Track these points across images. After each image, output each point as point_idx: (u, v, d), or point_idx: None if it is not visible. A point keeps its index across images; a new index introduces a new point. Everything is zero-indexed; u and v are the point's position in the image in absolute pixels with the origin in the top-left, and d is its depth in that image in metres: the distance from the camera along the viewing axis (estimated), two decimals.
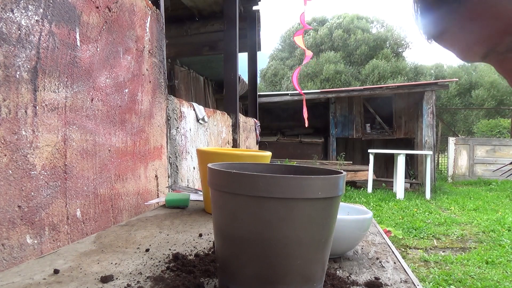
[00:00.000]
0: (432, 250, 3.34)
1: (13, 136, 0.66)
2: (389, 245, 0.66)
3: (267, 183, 0.35)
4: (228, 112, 2.87)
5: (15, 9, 0.66)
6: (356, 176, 6.71)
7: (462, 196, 6.25)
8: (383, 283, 0.47)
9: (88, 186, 0.89)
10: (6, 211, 0.65)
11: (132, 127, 1.13)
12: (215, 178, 0.39)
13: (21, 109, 0.68)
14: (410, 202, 5.39)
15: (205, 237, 0.69)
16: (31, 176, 0.71)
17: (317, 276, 0.39)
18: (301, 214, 0.35)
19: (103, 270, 0.51)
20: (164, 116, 1.41)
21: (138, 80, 1.16)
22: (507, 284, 2.53)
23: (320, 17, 19.43)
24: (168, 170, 1.52)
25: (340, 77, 15.68)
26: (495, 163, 8.05)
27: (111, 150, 1.00)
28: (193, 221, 0.82)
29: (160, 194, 1.35)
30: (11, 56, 0.66)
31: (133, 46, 1.12)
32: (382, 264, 0.56)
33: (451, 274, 2.67)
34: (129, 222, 0.81)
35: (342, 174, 0.39)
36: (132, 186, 1.13)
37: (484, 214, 4.76)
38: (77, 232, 0.84)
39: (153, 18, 1.28)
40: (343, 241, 0.55)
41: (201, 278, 0.47)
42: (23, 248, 0.69)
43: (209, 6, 3.81)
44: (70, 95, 0.82)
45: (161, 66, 1.35)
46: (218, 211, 0.39)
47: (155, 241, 0.66)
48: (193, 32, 4.16)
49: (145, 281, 0.47)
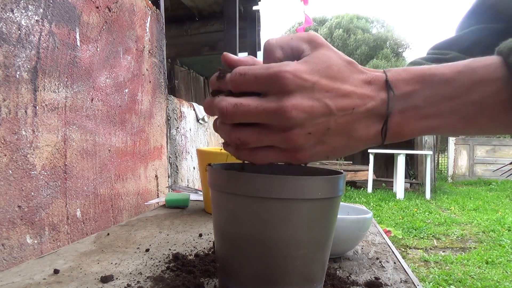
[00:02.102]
0: (432, 250, 3.34)
1: (13, 136, 0.66)
2: (389, 245, 0.66)
3: (267, 183, 0.35)
4: None
5: (15, 9, 0.66)
6: (356, 176, 6.71)
7: (462, 196, 6.25)
8: (383, 283, 0.47)
9: (88, 186, 0.89)
10: (6, 211, 0.65)
11: (132, 127, 1.13)
12: (214, 178, 0.39)
13: (21, 109, 0.68)
14: (410, 202, 5.39)
15: (205, 237, 0.69)
16: (31, 176, 0.71)
17: (317, 276, 0.39)
18: (301, 214, 0.35)
19: (103, 270, 0.51)
20: (164, 116, 1.41)
21: (138, 80, 1.16)
22: (507, 284, 2.53)
23: (320, 17, 19.42)
24: (168, 170, 1.52)
25: None
26: (495, 163, 8.06)
27: (111, 150, 1.00)
28: (193, 221, 0.82)
29: (160, 194, 1.35)
30: (11, 56, 0.66)
31: (133, 46, 1.12)
32: (382, 264, 0.56)
33: (451, 274, 2.67)
34: (129, 222, 0.81)
35: (342, 174, 0.39)
36: (132, 186, 1.13)
37: (484, 214, 4.76)
38: (77, 232, 0.84)
39: (153, 18, 1.28)
40: (343, 241, 0.55)
41: (201, 278, 0.47)
42: (23, 248, 0.69)
43: (209, 6, 3.81)
44: (70, 95, 0.82)
45: (161, 66, 1.35)
46: (218, 211, 0.39)
47: (155, 241, 0.66)
48: (193, 32, 4.16)
49: (145, 281, 0.47)
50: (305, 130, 0.31)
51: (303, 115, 0.30)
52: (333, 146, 0.33)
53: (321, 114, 0.31)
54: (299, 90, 0.30)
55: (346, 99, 0.31)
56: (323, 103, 0.31)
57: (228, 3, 2.95)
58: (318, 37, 0.34)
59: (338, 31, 17.60)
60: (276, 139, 0.32)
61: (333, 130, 0.32)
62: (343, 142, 0.33)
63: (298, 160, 0.33)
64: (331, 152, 0.33)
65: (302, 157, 0.32)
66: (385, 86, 0.32)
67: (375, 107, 0.32)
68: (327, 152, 0.33)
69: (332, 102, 0.31)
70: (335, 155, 0.34)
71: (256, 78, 0.31)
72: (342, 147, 0.33)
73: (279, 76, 0.30)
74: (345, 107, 0.31)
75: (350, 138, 0.32)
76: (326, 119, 0.31)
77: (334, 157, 0.34)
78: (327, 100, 0.31)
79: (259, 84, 0.31)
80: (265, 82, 0.31)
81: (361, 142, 0.33)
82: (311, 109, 0.30)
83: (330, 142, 0.32)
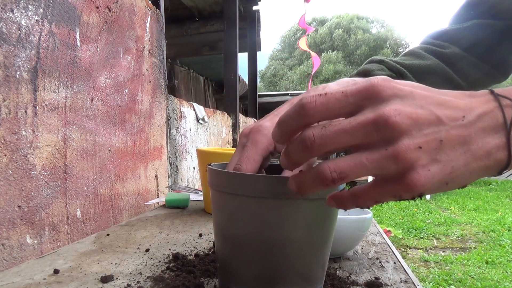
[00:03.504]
0: (432, 250, 3.34)
1: (13, 136, 0.66)
2: (389, 245, 0.66)
3: (267, 183, 0.35)
4: (228, 112, 2.87)
5: (15, 9, 0.66)
6: None
7: (462, 196, 6.25)
8: (383, 283, 0.47)
9: (88, 186, 0.89)
10: (6, 211, 0.65)
11: (132, 127, 1.13)
12: (214, 178, 0.39)
13: (21, 109, 0.68)
14: (410, 202, 5.39)
15: (205, 237, 0.69)
16: (31, 176, 0.71)
17: (317, 276, 0.39)
18: (301, 214, 0.35)
19: (103, 270, 0.51)
20: (164, 116, 1.41)
21: (138, 80, 1.16)
22: (507, 284, 2.53)
23: (320, 17, 19.42)
24: (168, 170, 1.52)
25: (340, 77, 15.71)
26: None
27: (111, 150, 1.00)
28: (193, 221, 0.82)
29: (160, 194, 1.35)
30: (11, 56, 0.66)
31: (133, 46, 1.12)
32: (382, 264, 0.56)
33: (451, 274, 2.67)
34: (129, 222, 0.81)
35: None
36: (132, 186, 1.13)
37: (484, 214, 4.77)
38: (77, 232, 0.84)
39: (153, 18, 1.28)
40: (343, 241, 0.55)
41: (201, 278, 0.47)
42: (23, 248, 0.69)
43: (209, 6, 3.81)
44: (70, 95, 0.82)
45: (161, 66, 1.35)
46: (218, 211, 0.39)
47: (155, 241, 0.66)
48: (193, 32, 4.16)
49: (145, 281, 0.47)
50: (415, 141, 0.25)
51: (409, 121, 0.25)
52: (451, 166, 0.25)
53: (428, 123, 0.25)
54: (397, 97, 0.26)
55: (451, 109, 0.26)
56: (429, 110, 0.26)
57: (228, 3, 2.94)
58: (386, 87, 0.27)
59: (338, 31, 17.60)
60: (381, 159, 0.25)
61: (447, 142, 0.25)
62: (461, 159, 0.26)
63: (411, 186, 0.25)
64: (449, 175, 0.26)
65: (416, 181, 0.25)
66: (492, 96, 0.27)
67: (487, 114, 0.26)
68: (445, 175, 0.26)
69: (438, 110, 0.26)
70: (455, 180, 0.26)
71: (339, 99, 0.26)
72: (462, 167, 0.26)
73: (370, 87, 0.26)
74: (454, 116, 0.26)
75: (468, 153, 0.26)
76: (436, 129, 0.25)
77: (454, 184, 0.26)
78: (431, 107, 0.26)
79: (346, 104, 0.26)
80: (353, 98, 0.26)
81: (482, 160, 0.26)
82: (417, 115, 0.25)
83: (446, 160, 0.25)
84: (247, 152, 0.39)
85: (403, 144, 0.24)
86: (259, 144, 0.40)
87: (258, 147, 0.39)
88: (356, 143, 0.26)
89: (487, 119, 0.26)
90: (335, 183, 0.26)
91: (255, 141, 0.40)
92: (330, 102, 0.26)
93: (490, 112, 0.26)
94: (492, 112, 0.26)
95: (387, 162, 0.25)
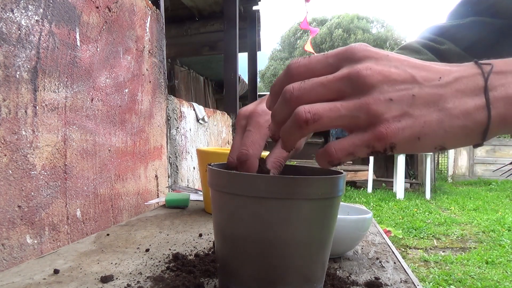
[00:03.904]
0: (432, 250, 3.34)
1: (13, 136, 0.66)
2: (389, 245, 0.66)
3: (267, 183, 0.35)
4: (228, 112, 2.87)
5: (15, 9, 0.66)
6: (356, 176, 6.70)
7: (462, 196, 6.25)
8: (383, 283, 0.47)
9: (88, 186, 0.89)
10: (6, 211, 0.65)
11: (132, 127, 1.13)
12: (214, 178, 0.39)
13: (21, 109, 0.68)
14: (410, 202, 5.39)
15: (205, 237, 0.69)
16: (31, 176, 0.71)
17: (317, 276, 0.39)
18: (301, 214, 0.35)
19: (103, 270, 0.51)
20: (164, 116, 1.41)
21: (138, 80, 1.16)
22: (507, 284, 2.53)
23: (320, 17, 19.43)
24: (168, 170, 1.52)
25: None
26: (495, 163, 8.05)
27: (111, 150, 1.00)
28: (193, 221, 0.82)
29: (160, 194, 1.35)
30: (11, 56, 0.66)
31: (133, 46, 1.12)
32: (382, 264, 0.56)
33: (451, 274, 2.67)
34: (129, 222, 0.81)
35: (342, 174, 0.39)
36: (132, 186, 1.13)
37: (484, 214, 4.76)
38: (77, 232, 0.84)
39: (153, 18, 1.28)
40: (343, 241, 0.55)
41: (201, 278, 0.47)
42: (23, 248, 0.69)
43: (209, 6, 3.81)
44: (70, 95, 0.82)
45: (161, 66, 1.35)
46: (218, 211, 0.39)
47: (155, 241, 0.66)
48: (193, 32, 4.16)
49: (145, 281, 0.47)
50: (385, 95, 0.26)
51: (380, 77, 0.26)
52: (423, 120, 0.26)
53: (402, 80, 0.26)
54: (373, 58, 0.27)
55: (427, 71, 0.27)
56: (403, 70, 0.27)
57: (228, 3, 2.95)
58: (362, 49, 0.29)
59: (338, 31, 17.61)
60: (353, 107, 0.26)
61: (419, 98, 0.26)
62: (434, 115, 0.26)
63: (381, 136, 0.26)
64: (422, 128, 0.26)
65: (386, 132, 0.25)
66: (475, 65, 0.27)
67: (466, 77, 0.26)
68: (417, 127, 0.26)
69: (413, 70, 0.27)
70: (429, 135, 0.26)
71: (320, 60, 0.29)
72: (435, 123, 0.26)
73: (347, 50, 0.28)
74: (430, 76, 0.26)
75: (443, 111, 0.26)
76: (410, 86, 0.26)
77: (427, 139, 0.26)
78: (406, 68, 0.27)
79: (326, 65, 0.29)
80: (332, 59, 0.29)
81: (459, 119, 0.26)
82: (389, 73, 0.26)
83: (418, 115, 0.26)
84: (252, 136, 0.39)
85: (372, 96, 0.26)
86: (263, 129, 0.39)
87: (262, 131, 0.39)
88: (333, 97, 0.28)
89: (466, 82, 0.26)
90: (308, 124, 0.27)
91: (258, 125, 0.40)
92: (311, 63, 0.29)
93: (470, 76, 0.27)
94: (472, 76, 0.27)
95: (358, 111, 0.26)
